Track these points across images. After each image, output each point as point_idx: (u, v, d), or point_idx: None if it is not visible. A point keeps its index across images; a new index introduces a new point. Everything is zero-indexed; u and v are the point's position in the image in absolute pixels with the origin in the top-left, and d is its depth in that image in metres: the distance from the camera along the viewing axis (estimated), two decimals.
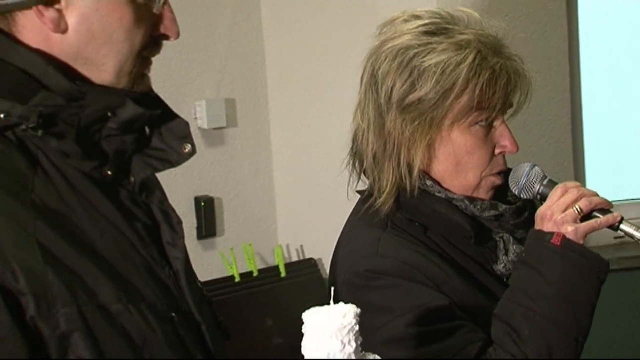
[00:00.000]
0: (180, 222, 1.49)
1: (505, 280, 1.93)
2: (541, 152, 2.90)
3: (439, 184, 1.91)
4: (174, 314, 1.42)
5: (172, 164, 1.48)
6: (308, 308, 1.31)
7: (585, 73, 3.16)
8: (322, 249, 3.23)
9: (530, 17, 2.93)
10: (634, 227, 1.88)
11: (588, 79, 3.17)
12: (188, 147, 1.48)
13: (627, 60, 3.39)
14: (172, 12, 1.46)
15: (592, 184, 3.17)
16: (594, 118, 3.24)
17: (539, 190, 1.93)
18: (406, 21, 1.92)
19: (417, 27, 1.89)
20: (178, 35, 1.47)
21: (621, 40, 3.41)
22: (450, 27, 1.89)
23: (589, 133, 3.22)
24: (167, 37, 1.47)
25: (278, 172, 3.34)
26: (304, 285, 3.23)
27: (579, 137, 3.16)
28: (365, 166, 1.96)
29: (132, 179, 1.47)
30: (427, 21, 1.90)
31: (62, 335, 1.28)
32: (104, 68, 1.41)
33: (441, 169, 1.91)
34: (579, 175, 3.15)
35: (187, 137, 1.49)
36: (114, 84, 1.42)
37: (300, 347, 1.30)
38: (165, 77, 1.38)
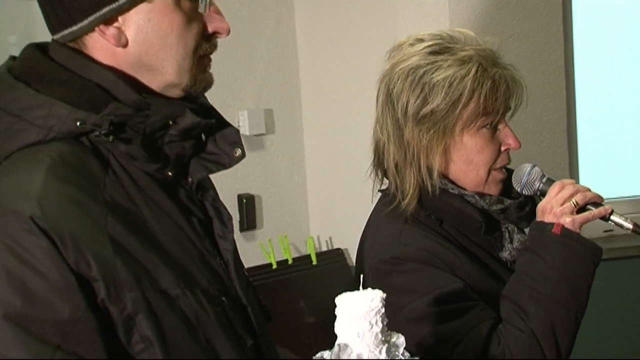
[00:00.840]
0: (230, 218, 1.50)
1: (509, 265, 1.94)
2: (541, 155, 2.89)
3: (453, 183, 1.92)
4: (224, 298, 1.42)
5: (225, 166, 1.48)
6: (335, 291, 1.31)
7: (579, 87, 3.15)
8: (348, 240, 3.21)
9: (531, 38, 2.92)
10: (623, 218, 1.89)
11: (581, 92, 3.16)
12: (238, 151, 1.48)
13: (615, 72, 3.36)
14: (218, 11, 1.45)
15: (584, 182, 3.16)
16: (586, 125, 3.22)
17: (538, 187, 1.94)
18: (412, 44, 1.92)
19: (423, 49, 1.89)
20: (228, 32, 1.46)
21: (611, 56, 3.39)
22: (451, 45, 1.89)
23: (582, 138, 3.20)
24: (218, 34, 1.46)
25: (310, 173, 3.34)
26: (332, 271, 3.23)
27: (573, 142, 3.14)
28: (387, 172, 1.97)
29: (190, 179, 1.48)
30: (430, 43, 1.90)
31: (128, 316, 1.29)
32: (164, 70, 1.42)
33: (456, 169, 1.92)
34: (573, 175, 3.14)
35: (238, 143, 1.49)
36: (176, 84, 1.43)
37: (328, 325, 1.30)
38: (213, 90, 1.38)
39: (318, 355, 1.30)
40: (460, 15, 2.93)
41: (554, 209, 1.86)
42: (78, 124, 1.36)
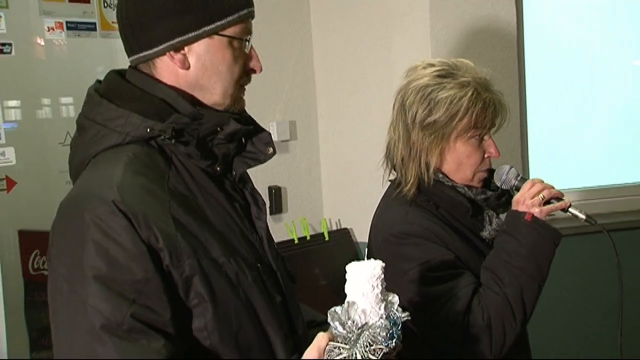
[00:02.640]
0: (264, 203, 1.50)
1: (489, 242, 1.94)
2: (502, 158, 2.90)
3: (447, 176, 1.92)
4: (259, 265, 1.42)
5: (261, 162, 1.48)
6: (342, 261, 1.33)
7: (529, 105, 3.16)
8: (353, 221, 3.24)
9: (493, 66, 2.91)
10: (578, 210, 1.90)
11: (531, 108, 3.17)
12: (271, 150, 1.49)
13: (562, 84, 3.35)
14: (256, 53, 1.46)
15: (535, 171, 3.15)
16: (536, 131, 3.20)
17: (514, 184, 1.94)
18: (425, 68, 1.92)
19: (432, 72, 1.89)
20: (261, 70, 1.47)
21: (560, 70, 3.37)
22: (454, 72, 1.88)
23: (531, 144, 3.20)
24: (254, 71, 1.47)
25: (323, 170, 3.33)
26: (340, 246, 3.22)
27: (525, 147, 3.14)
28: (395, 164, 1.97)
29: (234, 173, 1.48)
30: (438, 68, 1.90)
31: (187, 278, 1.30)
32: (214, 91, 1.42)
33: (449, 167, 1.91)
34: (525, 174, 3.12)
35: (270, 143, 1.49)
36: (220, 104, 1.43)
37: (337, 287, 1.31)
38: (250, 105, 1.39)
39: (332, 309, 1.30)
40: (437, 44, 2.92)
41: (526, 201, 1.87)
42: (148, 130, 1.37)
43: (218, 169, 1.44)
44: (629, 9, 3.44)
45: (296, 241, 3.14)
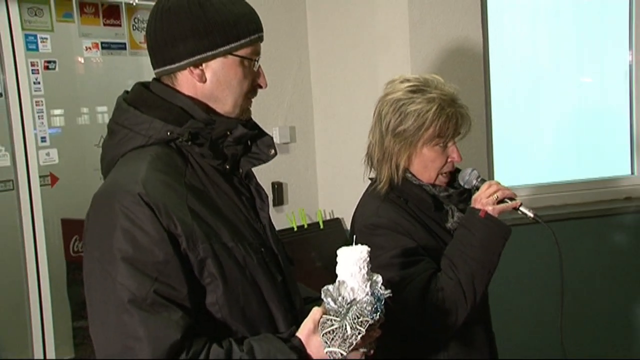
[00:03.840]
0: (267, 196, 1.49)
1: (452, 232, 1.90)
2: (469, 159, 2.88)
3: (415, 176, 1.89)
4: (262, 249, 1.41)
5: (264, 161, 1.47)
6: (335, 246, 1.31)
7: (494, 111, 3.16)
8: (344, 212, 3.21)
9: (461, 82, 2.91)
10: (527, 209, 1.86)
11: (496, 113, 3.18)
12: (272, 151, 1.47)
13: (521, 95, 3.34)
14: (262, 71, 1.45)
15: (497, 175, 3.15)
16: (500, 136, 3.20)
17: (475, 184, 1.91)
18: (401, 82, 1.89)
19: (406, 87, 1.87)
20: (266, 86, 1.46)
21: (519, 83, 3.34)
22: (424, 88, 1.85)
23: (497, 145, 3.19)
24: (260, 86, 1.46)
25: (319, 168, 3.30)
26: (333, 233, 3.20)
27: (490, 148, 3.14)
28: (372, 163, 1.95)
29: (241, 171, 1.46)
30: (412, 83, 1.87)
31: (201, 260, 1.29)
32: (226, 102, 1.41)
33: (415, 169, 1.88)
34: (490, 171, 3.12)
35: (272, 145, 1.48)
36: (230, 113, 1.42)
37: (330, 268, 1.31)
38: (255, 113, 1.38)
39: (325, 287, 1.29)
40: (416, 62, 2.91)
41: (482, 200, 1.84)
42: (168, 133, 1.36)
43: (227, 167, 1.43)
44: (577, 35, 3.44)
45: (295, 229, 3.12)
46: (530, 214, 1.86)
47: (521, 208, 1.86)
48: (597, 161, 3.44)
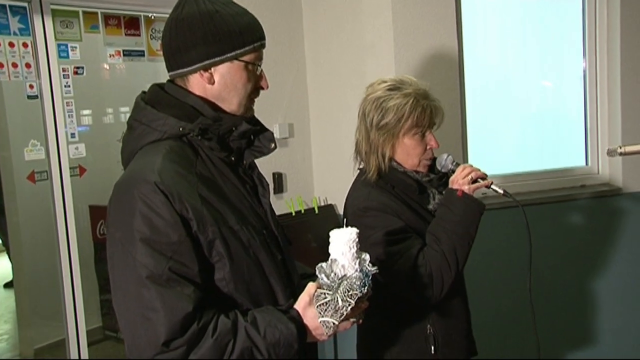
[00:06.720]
0: (268, 185, 1.47)
1: (433, 212, 1.89)
2: (447, 151, 2.88)
3: (400, 164, 1.88)
4: (264, 231, 1.39)
5: (265, 154, 1.45)
6: (328, 229, 1.30)
7: (468, 108, 3.14)
8: (337, 199, 3.20)
9: (438, 85, 2.90)
10: (498, 186, 1.86)
11: (469, 110, 3.15)
12: (273, 145, 1.46)
13: (491, 95, 3.32)
14: (265, 75, 1.44)
15: (473, 162, 3.12)
16: (473, 129, 3.18)
17: (451, 168, 1.90)
18: (379, 84, 1.87)
19: (384, 87, 1.85)
20: (268, 87, 1.44)
21: (489, 85, 3.30)
22: (400, 86, 1.84)
23: (470, 136, 3.17)
24: (262, 88, 1.44)
25: (314, 160, 3.27)
26: (327, 217, 3.18)
27: (465, 139, 3.12)
28: (361, 157, 1.92)
29: (245, 162, 1.45)
30: (389, 83, 1.86)
31: (210, 241, 1.27)
32: (232, 102, 1.39)
33: (400, 158, 1.87)
34: (466, 160, 3.11)
35: (273, 140, 1.46)
36: (235, 111, 1.40)
37: (324, 248, 1.29)
38: (258, 111, 1.36)
39: (319, 265, 1.28)
40: (400, 67, 2.89)
41: (459, 180, 1.83)
42: (181, 129, 1.34)
43: (233, 158, 1.41)
44: (539, 43, 3.44)
45: (293, 214, 3.10)
46: (501, 191, 1.86)
47: (493, 186, 1.86)
48: (556, 153, 3.46)
